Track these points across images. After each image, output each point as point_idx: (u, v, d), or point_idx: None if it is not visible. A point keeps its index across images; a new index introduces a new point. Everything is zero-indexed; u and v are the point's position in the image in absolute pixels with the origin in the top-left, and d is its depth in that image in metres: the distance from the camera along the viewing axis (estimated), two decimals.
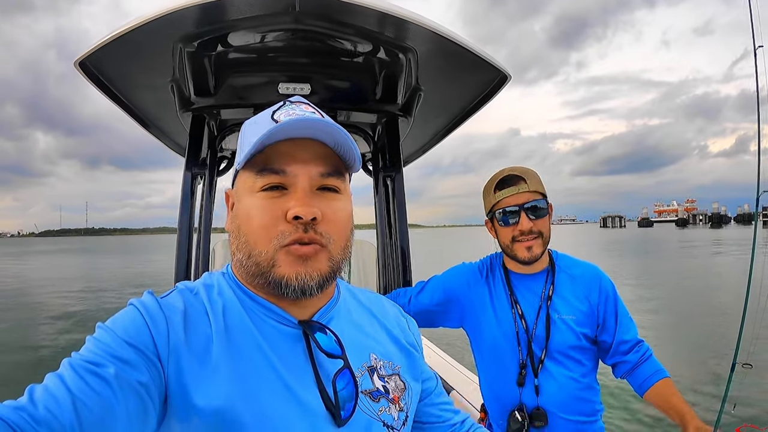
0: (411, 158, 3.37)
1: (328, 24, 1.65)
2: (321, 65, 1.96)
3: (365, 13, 1.57)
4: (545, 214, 1.69)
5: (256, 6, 1.53)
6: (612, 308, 1.71)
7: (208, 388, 0.70)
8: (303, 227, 0.76)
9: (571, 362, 1.66)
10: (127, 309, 0.75)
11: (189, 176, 2.07)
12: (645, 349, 1.70)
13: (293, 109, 0.82)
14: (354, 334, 0.88)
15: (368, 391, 0.83)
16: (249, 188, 0.79)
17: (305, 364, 0.79)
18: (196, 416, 0.68)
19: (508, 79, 1.95)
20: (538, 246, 1.67)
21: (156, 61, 1.81)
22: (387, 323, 0.97)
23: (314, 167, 0.78)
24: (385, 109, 2.18)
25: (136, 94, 2.11)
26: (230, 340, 0.75)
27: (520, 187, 1.68)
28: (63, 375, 0.62)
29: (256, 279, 0.79)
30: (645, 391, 1.64)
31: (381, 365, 0.88)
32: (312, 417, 0.75)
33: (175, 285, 0.84)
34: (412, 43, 1.76)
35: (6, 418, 0.54)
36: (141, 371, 0.66)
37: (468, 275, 1.87)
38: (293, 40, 1.77)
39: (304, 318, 0.82)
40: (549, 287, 1.71)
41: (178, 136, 2.54)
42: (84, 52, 1.68)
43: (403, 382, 0.90)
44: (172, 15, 1.52)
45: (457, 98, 2.24)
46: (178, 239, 2.01)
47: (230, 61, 1.88)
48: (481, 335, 1.79)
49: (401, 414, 0.86)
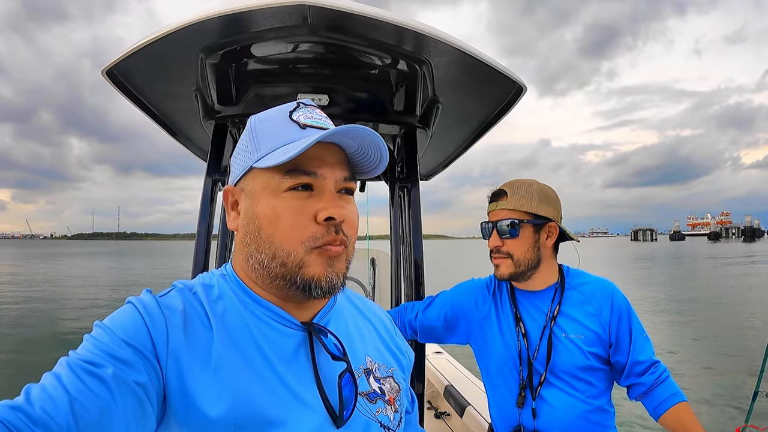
0: (433, 173, 3.38)
1: (342, 36, 1.68)
2: (339, 76, 1.99)
3: (378, 26, 1.60)
4: (516, 235, 1.64)
5: (273, 18, 1.58)
6: (626, 327, 1.62)
7: (208, 391, 0.70)
8: (335, 229, 0.77)
9: (579, 383, 1.59)
10: (125, 307, 0.74)
11: (210, 182, 2.12)
12: (661, 371, 1.61)
13: (310, 113, 0.83)
14: (350, 336, 0.89)
15: (365, 393, 0.84)
16: (273, 188, 0.77)
17: (306, 365, 0.79)
18: (196, 419, 0.69)
19: (524, 91, 1.94)
20: (506, 266, 1.65)
21: (180, 70, 1.88)
22: (378, 327, 0.98)
23: (339, 171, 0.80)
24: (404, 120, 2.20)
25: (162, 102, 2.19)
26: (231, 342, 0.75)
27: (500, 203, 1.67)
28: (60, 375, 0.62)
29: (278, 280, 0.78)
30: (660, 415, 1.57)
31: (376, 367, 0.89)
32: (313, 418, 0.75)
33: (173, 284, 0.83)
34: (426, 55, 1.78)
35: (2, 418, 0.54)
36: (139, 371, 0.66)
37: (475, 292, 1.84)
38: (311, 51, 1.81)
39: (305, 320, 0.83)
40: (555, 306, 1.65)
41: (203, 143, 2.61)
42: (111, 61, 1.75)
43: (397, 384, 0.91)
44: (195, 26, 1.58)
45: (475, 111, 2.24)
46: (196, 244, 2.05)
47: (251, 71, 1.94)
48: (488, 353, 1.76)
49: (396, 415, 0.88)
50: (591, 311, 1.63)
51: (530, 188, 1.68)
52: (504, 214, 1.65)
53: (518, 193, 1.66)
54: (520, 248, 1.64)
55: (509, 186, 1.69)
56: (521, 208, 1.65)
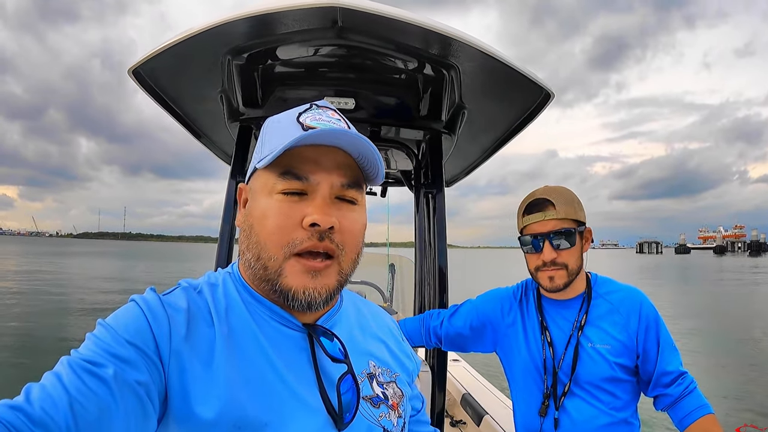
0: (456, 179, 3.35)
1: (371, 39, 1.66)
2: (365, 81, 1.98)
3: (408, 30, 1.57)
4: (572, 245, 1.58)
5: (302, 21, 1.57)
6: (653, 337, 1.58)
7: (209, 390, 0.69)
8: (318, 235, 0.75)
9: (603, 394, 1.56)
10: (128, 305, 0.73)
11: (234, 184, 2.10)
12: (689, 382, 1.57)
13: (320, 114, 0.80)
14: (355, 340, 0.88)
15: (369, 397, 0.83)
16: (268, 189, 0.77)
17: (308, 367, 0.78)
18: (196, 418, 0.68)
19: (551, 98, 1.90)
20: (561, 277, 1.59)
21: (206, 71, 1.88)
22: (383, 332, 0.97)
23: (336, 177, 0.77)
24: (429, 125, 2.18)
25: (187, 104, 2.19)
26: (233, 342, 0.74)
27: (547, 213, 1.59)
28: (61, 374, 0.61)
29: (263, 283, 0.78)
30: (686, 426, 1.52)
31: (379, 372, 0.88)
32: (314, 420, 0.75)
33: (178, 282, 0.82)
34: (454, 60, 1.75)
35: (2, 418, 0.54)
36: (140, 371, 0.65)
37: (502, 300, 1.82)
38: (338, 55, 1.80)
39: (308, 321, 0.82)
40: (582, 315, 1.62)
41: (226, 145, 2.61)
42: (137, 61, 1.75)
43: (401, 390, 0.90)
44: (221, 28, 1.57)
45: (501, 117, 2.21)
46: (218, 246, 2.03)
47: (277, 74, 1.93)
48: (514, 361, 1.74)
49: (400, 420, 0.87)
50: (618, 320, 1.59)
51: (570, 195, 1.63)
52: (556, 225, 1.58)
53: (564, 202, 1.60)
54: (573, 257, 1.60)
55: (550, 194, 1.62)
56: (571, 217, 1.59)
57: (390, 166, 2.98)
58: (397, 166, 2.94)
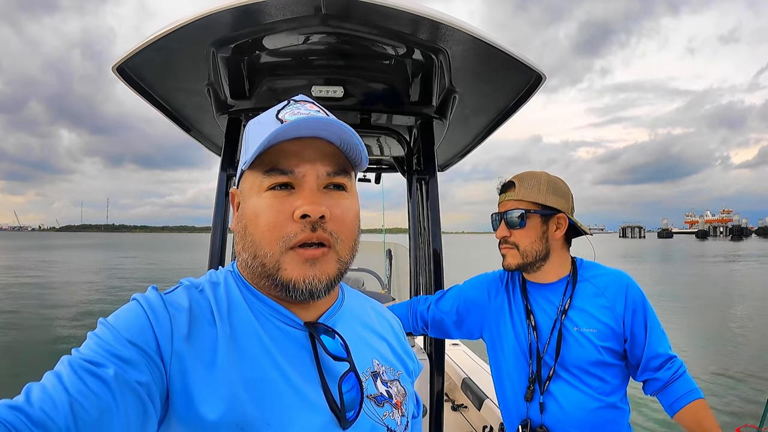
0: (449, 163, 3.34)
1: (356, 26, 1.64)
2: (353, 68, 1.95)
3: (393, 15, 1.55)
4: (523, 226, 1.64)
5: (286, 9, 1.54)
6: (641, 320, 1.58)
7: (211, 390, 0.69)
8: (311, 226, 0.75)
9: (592, 379, 1.56)
10: (130, 305, 0.73)
11: (224, 177, 2.09)
12: (678, 366, 1.57)
13: (298, 108, 0.81)
14: (357, 337, 0.87)
15: (372, 396, 0.83)
16: (257, 188, 0.78)
17: (311, 365, 0.78)
18: (198, 418, 0.67)
19: (543, 80, 1.88)
20: (513, 257, 1.65)
21: (192, 64, 1.85)
22: (386, 330, 0.97)
23: (321, 166, 0.78)
24: (420, 111, 2.16)
25: (174, 98, 2.17)
26: (236, 341, 0.74)
27: (508, 194, 1.68)
28: (61, 374, 0.61)
29: (262, 280, 0.78)
30: (676, 411, 1.53)
31: (383, 370, 0.88)
32: (318, 419, 0.74)
33: (179, 281, 0.82)
34: (443, 44, 1.73)
35: (2, 418, 0.54)
36: (141, 370, 0.65)
37: (489, 284, 1.83)
38: (324, 42, 1.77)
39: (310, 319, 0.82)
40: (567, 299, 1.62)
41: (216, 137, 2.59)
42: (120, 58, 1.73)
43: (404, 388, 0.90)
44: (205, 19, 1.55)
45: (493, 100, 2.19)
46: (212, 238, 2.03)
47: (264, 64, 1.90)
48: (500, 345, 1.74)
49: (403, 419, 0.86)
50: (604, 304, 1.60)
51: (539, 179, 1.67)
52: (512, 205, 1.65)
53: (526, 184, 1.65)
54: (526, 239, 1.64)
55: (518, 177, 1.68)
56: (529, 199, 1.64)
57: (383, 153, 2.96)
58: (390, 152, 2.92)
